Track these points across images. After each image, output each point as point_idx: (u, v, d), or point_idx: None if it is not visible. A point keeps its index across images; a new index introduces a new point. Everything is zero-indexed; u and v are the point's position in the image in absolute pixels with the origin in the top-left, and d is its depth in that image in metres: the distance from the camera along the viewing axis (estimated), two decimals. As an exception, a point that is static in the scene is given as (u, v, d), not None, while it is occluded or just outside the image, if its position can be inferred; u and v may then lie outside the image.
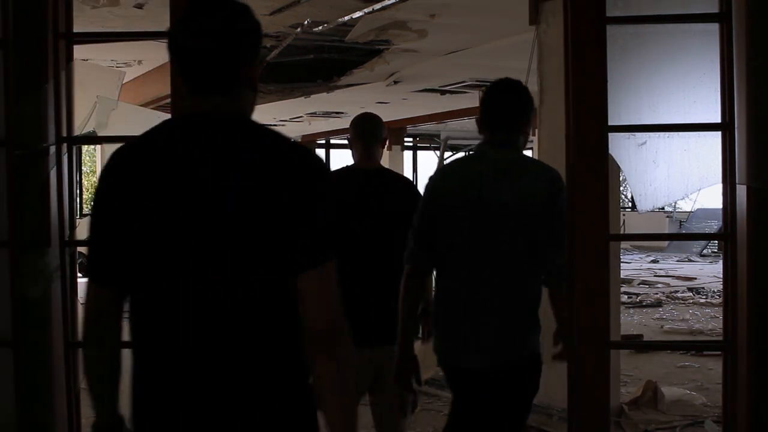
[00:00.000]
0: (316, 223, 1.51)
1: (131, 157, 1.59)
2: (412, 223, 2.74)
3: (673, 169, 2.49)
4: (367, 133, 3.40)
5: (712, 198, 16.31)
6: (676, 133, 2.46)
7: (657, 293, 10.55)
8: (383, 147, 3.39)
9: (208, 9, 1.56)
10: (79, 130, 2.57)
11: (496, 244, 2.57)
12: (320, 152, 21.76)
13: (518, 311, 2.38)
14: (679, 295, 10.37)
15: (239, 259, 1.50)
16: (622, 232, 14.61)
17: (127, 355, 1.82)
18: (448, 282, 2.68)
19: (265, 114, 13.80)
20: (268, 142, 1.56)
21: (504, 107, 2.76)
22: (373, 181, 3.41)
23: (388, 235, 3.08)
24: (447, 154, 19.71)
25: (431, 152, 22.34)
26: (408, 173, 20.92)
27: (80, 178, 19.20)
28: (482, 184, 2.61)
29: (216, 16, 1.55)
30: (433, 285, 2.92)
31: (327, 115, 14.89)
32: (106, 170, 1.61)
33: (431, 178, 2.81)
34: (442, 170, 2.92)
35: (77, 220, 2.66)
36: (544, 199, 2.57)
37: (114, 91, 2.59)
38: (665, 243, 16.99)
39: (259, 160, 1.50)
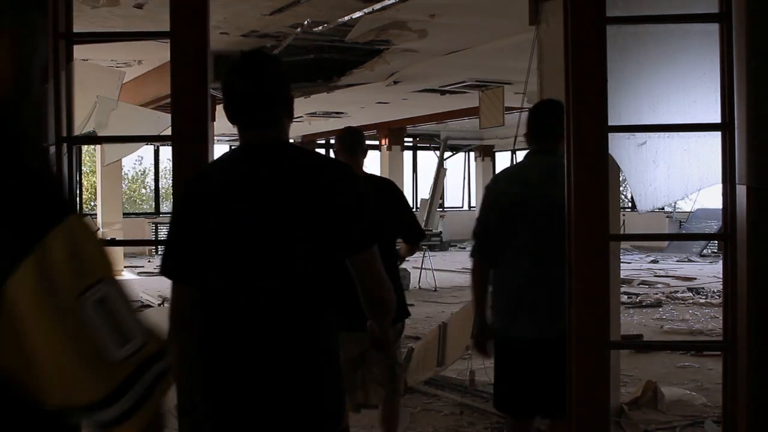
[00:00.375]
0: (362, 218, 1.97)
1: (205, 177, 2.08)
2: (476, 223, 3.24)
3: (673, 169, 2.49)
4: (352, 146, 3.78)
5: (712, 198, 16.33)
6: (676, 133, 2.46)
7: (657, 293, 10.55)
8: (365, 157, 3.83)
9: (252, 63, 2.05)
10: (79, 130, 2.57)
11: (546, 235, 2.98)
12: (320, 152, 21.77)
13: (562, 290, 2.50)
14: (678, 295, 10.37)
15: (304, 251, 1.91)
16: (622, 232, 14.61)
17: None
18: (506, 269, 3.14)
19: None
20: (313, 162, 2.01)
21: (547, 124, 3.18)
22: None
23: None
24: (447, 154, 19.72)
25: (431, 152, 22.35)
26: (408, 173, 20.93)
27: (80, 178, 19.20)
28: (532, 186, 3.08)
29: (258, 71, 2.02)
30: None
31: (327, 115, 14.89)
32: (187, 185, 2.07)
33: (488, 187, 3.30)
34: (497, 178, 3.41)
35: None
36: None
37: (114, 91, 2.59)
38: (665, 243, 16.98)
39: (309, 176, 1.95)
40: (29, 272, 0.93)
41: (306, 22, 7.05)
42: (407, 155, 21.57)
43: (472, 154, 23.10)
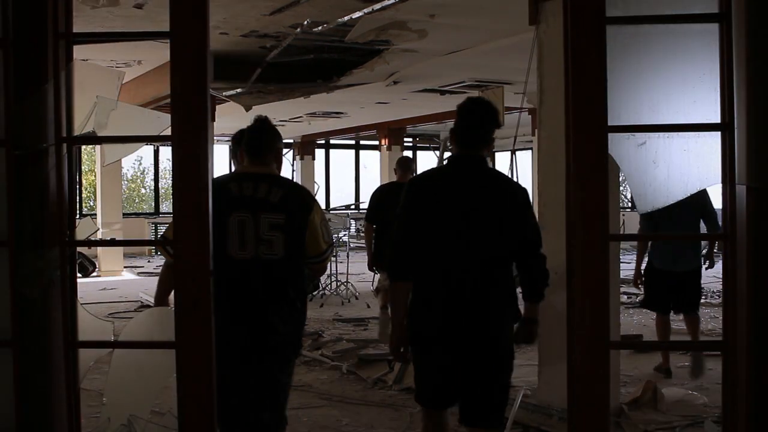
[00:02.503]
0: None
1: None
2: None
3: (673, 169, 2.49)
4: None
5: (712, 198, 16.29)
6: (676, 133, 2.46)
7: (657, 293, 10.54)
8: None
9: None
10: (78, 130, 2.57)
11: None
12: (320, 152, 21.76)
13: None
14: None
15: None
16: (622, 232, 14.60)
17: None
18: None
19: (265, 114, 13.80)
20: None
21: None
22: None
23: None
24: (447, 154, 19.73)
25: (431, 152, 22.35)
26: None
27: (80, 178, 19.19)
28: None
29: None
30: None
31: (327, 115, 14.89)
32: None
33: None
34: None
35: (77, 220, 2.66)
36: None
37: (114, 91, 2.58)
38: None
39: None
40: (313, 216, 3.36)
41: (306, 22, 7.05)
42: (407, 155, 21.58)
43: (472, 154, 23.08)
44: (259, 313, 3.19)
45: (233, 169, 4.50)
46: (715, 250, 6.76)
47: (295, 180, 21.30)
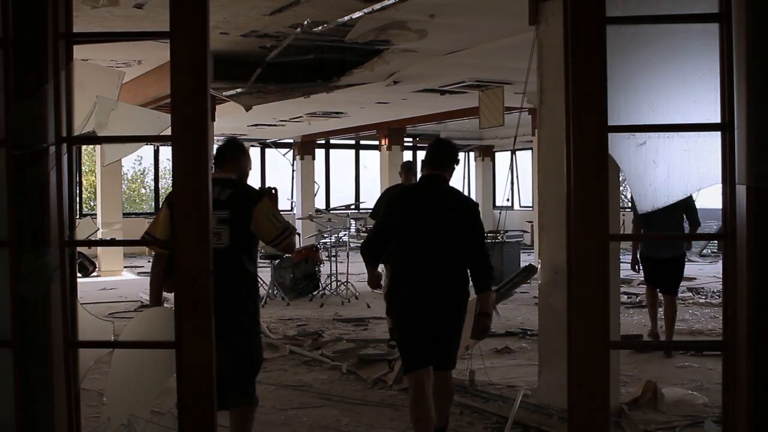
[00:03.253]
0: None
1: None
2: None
3: (673, 169, 2.49)
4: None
5: (712, 198, 16.31)
6: (675, 133, 2.46)
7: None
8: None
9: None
10: (79, 130, 2.57)
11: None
12: (320, 152, 21.77)
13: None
14: (678, 295, 10.37)
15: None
16: (622, 232, 14.59)
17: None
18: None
19: (265, 114, 13.81)
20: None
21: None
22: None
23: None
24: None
25: (431, 152, 22.35)
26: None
27: (80, 178, 19.18)
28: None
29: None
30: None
31: (327, 115, 14.89)
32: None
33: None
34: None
35: (77, 220, 2.66)
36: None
37: (114, 91, 2.58)
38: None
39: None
40: (260, 208, 3.90)
41: (306, 22, 7.05)
42: (407, 155, 21.58)
43: (471, 154, 23.11)
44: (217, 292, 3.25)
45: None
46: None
47: (294, 180, 21.25)
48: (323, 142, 21.58)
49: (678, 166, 2.49)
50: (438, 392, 4.08)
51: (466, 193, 23.26)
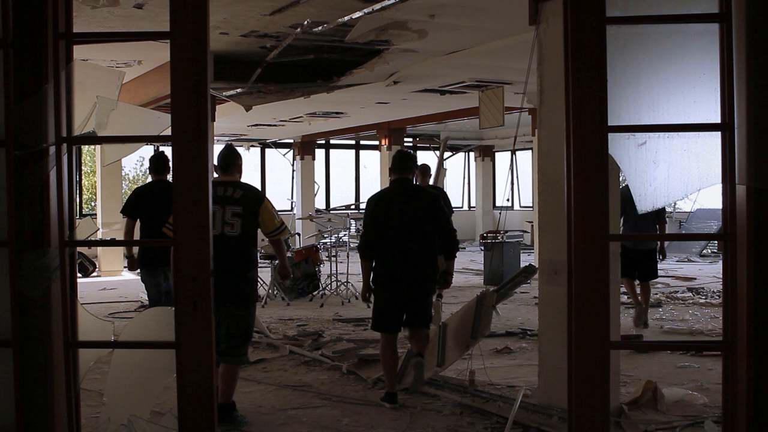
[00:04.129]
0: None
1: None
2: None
3: (673, 169, 2.49)
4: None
5: (712, 198, 16.33)
6: (676, 133, 2.46)
7: (656, 293, 10.55)
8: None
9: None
10: (79, 130, 2.57)
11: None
12: (320, 152, 21.77)
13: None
14: (678, 295, 10.37)
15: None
16: (622, 232, 14.57)
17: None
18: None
19: (265, 114, 13.81)
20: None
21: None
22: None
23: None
24: (447, 154, 19.73)
25: (431, 152, 22.37)
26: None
27: (80, 178, 19.17)
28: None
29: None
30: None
31: (327, 115, 14.89)
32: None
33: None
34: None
35: (77, 220, 2.66)
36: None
37: (114, 91, 2.59)
38: (665, 243, 16.95)
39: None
40: (265, 205, 4.93)
41: (306, 22, 7.05)
42: (407, 155, 21.53)
43: (472, 154, 23.11)
44: (224, 268, 4.48)
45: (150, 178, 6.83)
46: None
47: (294, 180, 21.25)
48: (323, 142, 21.58)
49: (678, 166, 2.49)
50: (415, 339, 5.33)
51: (466, 193, 23.41)
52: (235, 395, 4.89)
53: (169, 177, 6.55)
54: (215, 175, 5.14)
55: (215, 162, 5.17)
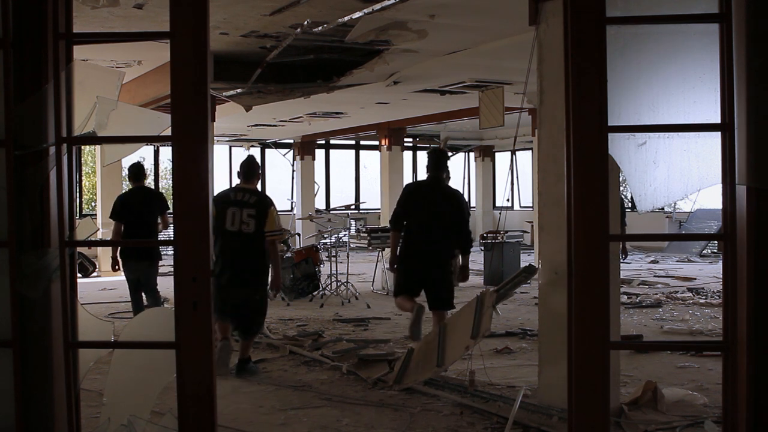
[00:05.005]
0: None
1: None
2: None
3: (673, 169, 2.49)
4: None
5: (712, 198, 16.34)
6: (676, 134, 2.47)
7: (657, 293, 10.55)
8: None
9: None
10: (79, 130, 2.57)
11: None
12: (320, 152, 21.77)
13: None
14: (678, 295, 10.37)
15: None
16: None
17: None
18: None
19: (265, 114, 13.81)
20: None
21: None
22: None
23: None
24: (447, 154, 19.69)
25: (431, 152, 22.36)
26: (408, 173, 20.92)
27: (80, 178, 19.16)
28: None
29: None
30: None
31: (327, 115, 14.89)
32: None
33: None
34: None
35: (77, 221, 2.66)
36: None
37: (114, 92, 2.59)
38: (665, 243, 17.00)
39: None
40: (271, 211, 6.14)
41: (306, 22, 7.05)
42: (407, 155, 21.57)
43: (471, 154, 23.12)
44: (241, 260, 6.09)
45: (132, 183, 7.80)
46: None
47: (294, 180, 21.26)
48: (323, 142, 21.57)
49: (678, 166, 2.49)
50: (435, 319, 6.41)
51: (465, 193, 23.43)
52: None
53: (146, 183, 8.09)
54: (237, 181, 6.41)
55: (238, 169, 6.39)
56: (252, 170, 6.28)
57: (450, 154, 21.50)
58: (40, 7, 2.44)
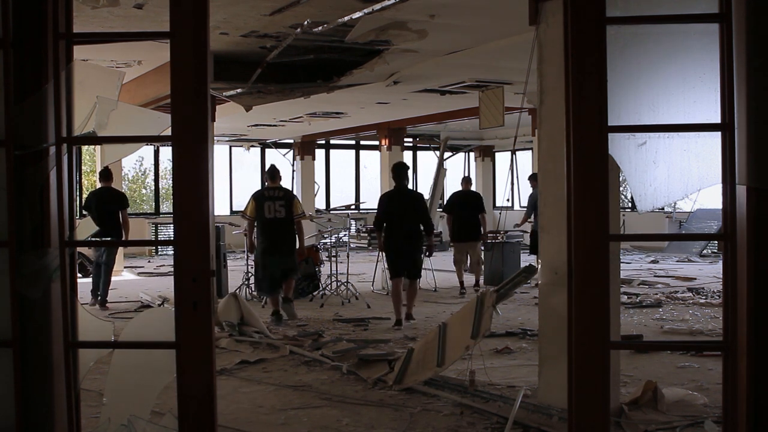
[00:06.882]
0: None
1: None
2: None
3: (673, 169, 2.49)
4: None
5: (712, 198, 16.34)
6: (676, 134, 2.47)
7: (657, 293, 10.55)
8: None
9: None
10: (79, 130, 2.57)
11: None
12: (320, 152, 21.77)
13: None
14: (678, 295, 10.37)
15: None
16: (622, 232, 14.61)
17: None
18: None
19: (265, 114, 13.81)
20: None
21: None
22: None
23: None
24: (447, 154, 19.72)
25: (431, 152, 22.37)
26: (408, 173, 20.90)
27: (80, 178, 19.17)
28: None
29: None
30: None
31: (327, 115, 14.90)
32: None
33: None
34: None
35: (77, 221, 2.66)
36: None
37: (114, 92, 2.59)
38: (665, 243, 17.01)
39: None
40: (295, 201, 8.99)
41: (306, 22, 7.05)
42: (407, 155, 21.58)
43: (472, 154, 23.12)
44: (278, 237, 8.76)
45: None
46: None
47: (294, 180, 21.27)
48: (323, 142, 21.58)
49: (678, 166, 2.49)
50: (409, 291, 8.57)
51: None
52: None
53: (112, 184, 10.19)
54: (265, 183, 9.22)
55: (266, 174, 9.30)
56: (275, 173, 9.07)
57: (449, 154, 21.59)
58: (40, 7, 2.44)
